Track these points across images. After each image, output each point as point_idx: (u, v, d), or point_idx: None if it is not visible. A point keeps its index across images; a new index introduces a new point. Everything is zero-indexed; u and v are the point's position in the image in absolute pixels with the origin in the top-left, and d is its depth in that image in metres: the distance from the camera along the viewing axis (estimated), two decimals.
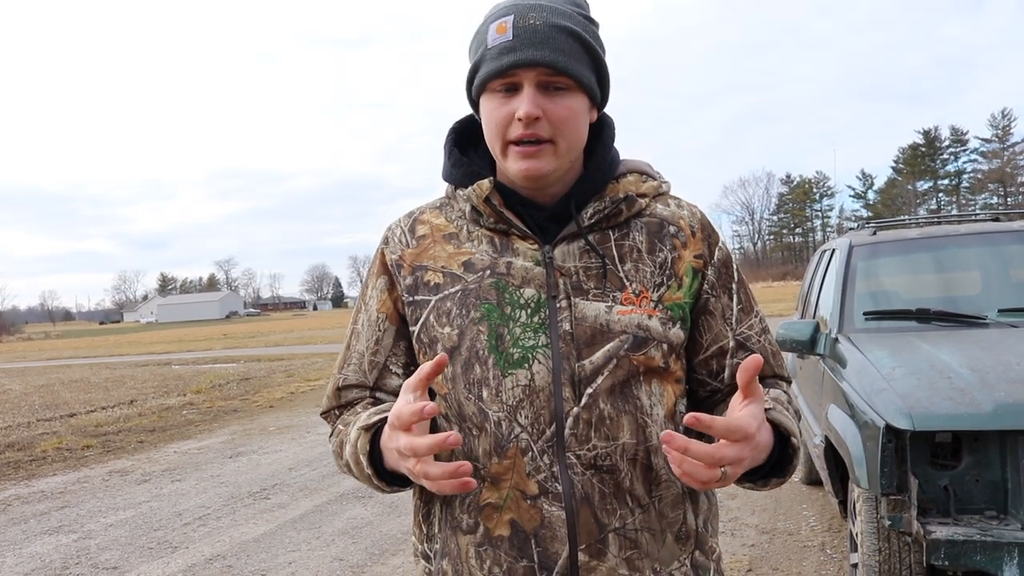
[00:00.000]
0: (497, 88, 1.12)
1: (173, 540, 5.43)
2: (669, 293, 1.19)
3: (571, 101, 1.13)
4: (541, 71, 1.10)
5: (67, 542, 5.56)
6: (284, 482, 6.96)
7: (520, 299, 1.15)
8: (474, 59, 1.16)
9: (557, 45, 1.10)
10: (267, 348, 29.30)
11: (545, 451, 1.12)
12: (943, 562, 2.74)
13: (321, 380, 15.35)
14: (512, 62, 1.09)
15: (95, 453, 9.06)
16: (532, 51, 1.09)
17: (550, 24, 1.10)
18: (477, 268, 1.18)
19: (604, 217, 1.19)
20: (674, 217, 1.24)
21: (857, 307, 4.21)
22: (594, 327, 1.14)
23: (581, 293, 1.16)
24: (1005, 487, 2.85)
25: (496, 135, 1.14)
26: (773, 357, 1.27)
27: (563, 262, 1.17)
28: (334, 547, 5.07)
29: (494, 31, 1.11)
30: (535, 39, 1.09)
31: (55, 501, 6.83)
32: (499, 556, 1.14)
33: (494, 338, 1.14)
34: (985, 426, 2.80)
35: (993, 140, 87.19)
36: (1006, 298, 4.08)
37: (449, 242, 1.22)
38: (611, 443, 1.13)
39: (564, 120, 1.12)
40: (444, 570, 1.21)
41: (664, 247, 1.20)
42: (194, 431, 10.30)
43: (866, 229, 5.10)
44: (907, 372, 3.20)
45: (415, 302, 1.21)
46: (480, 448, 1.15)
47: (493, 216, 1.19)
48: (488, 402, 1.13)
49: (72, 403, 14.09)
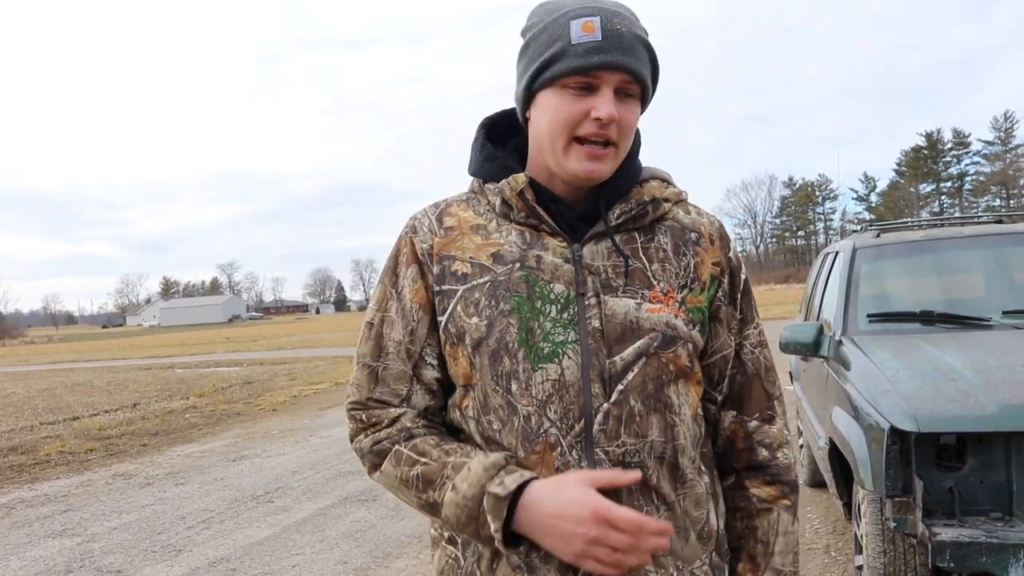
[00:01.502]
0: (572, 84, 1.13)
1: (177, 543, 5.43)
2: (692, 296, 1.21)
3: (636, 110, 1.17)
4: (624, 77, 1.12)
5: (71, 545, 5.56)
6: (287, 485, 6.96)
7: (550, 294, 1.16)
8: (550, 51, 1.13)
9: (639, 55, 1.13)
10: (270, 352, 29.31)
11: (574, 446, 1.13)
12: (948, 564, 2.74)
13: (324, 384, 15.35)
14: (602, 62, 1.10)
15: (98, 456, 9.07)
16: (621, 56, 1.11)
17: (633, 33, 1.13)
18: (507, 260, 1.18)
19: (631, 218, 1.21)
20: (695, 224, 1.26)
21: (861, 309, 4.21)
22: (624, 324, 1.15)
23: (610, 290, 1.17)
24: (1010, 488, 2.85)
25: (563, 130, 1.14)
26: (766, 372, 1.29)
27: (591, 260, 1.18)
28: (338, 550, 5.06)
29: (579, 28, 1.11)
30: (623, 44, 1.11)
31: (58, 504, 6.83)
32: (529, 548, 1.14)
33: (524, 331, 1.14)
34: (990, 428, 2.80)
35: (996, 142, 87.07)
36: (1010, 300, 4.07)
37: (477, 233, 1.22)
38: (640, 440, 1.14)
39: (630, 127, 1.16)
40: (480, 551, 1.19)
41: (688, 251, 1.23)
42: (197, 434, 10.30)
43: (869, 231, 5.10)
44: (911, 374, 3.20)
45: (443, 291, 1.20)
46: (505, 441, 1.15)
47: (524, 211, 1.19)
48: (517, 395, 1.14)
49: (75, 406, 14.09)
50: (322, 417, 11.12)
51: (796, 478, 1.29)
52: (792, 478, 1.28)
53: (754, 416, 1.27)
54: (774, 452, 1.27)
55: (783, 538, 1.26)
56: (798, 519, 1.29)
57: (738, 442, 1.27)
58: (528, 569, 1.15)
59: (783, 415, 1.30)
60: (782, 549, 1.26)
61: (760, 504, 1.26)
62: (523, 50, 1.19)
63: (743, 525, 1.27)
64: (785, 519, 1.27)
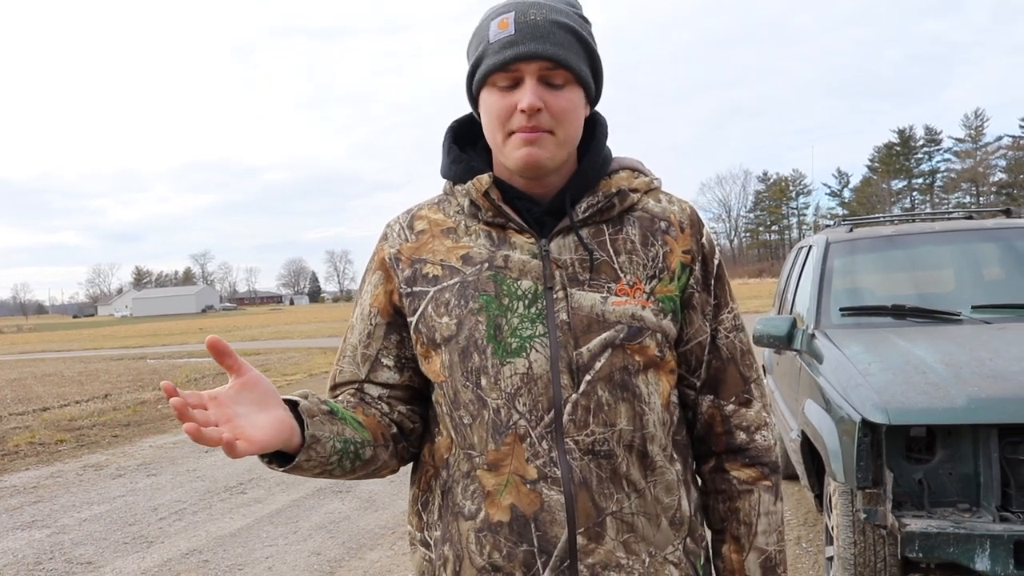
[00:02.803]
0: (499, 82, 1.15)
1: (149, 535, 5.38)
2: (661, 286, 1.22)
3: (570, 94, 1.16)
4: (542, 65, 1.13)
5: (40, 537, 5.50)
6: (261, 477, 6.92)
7: (517, 291, 1.18)
8: (475, 55, 1.18)
9: (557, 40, 1.14)
10: (243, 343, 29.09)
11: (544, 437, 1.15)
12: (917, 554, 2.78)
13: (298, 375, 15.27)
14: (515, 55, 1.12)
15: (69, 447, 8.96)
16: (534, 45, 1.12)
17: (550, 20, 1.14)
18: (475, 261, 1.21)
19: (597, 211, 1.22)
20: (665, 212, 1.27)
21: (834, 303, 4.25)
22: (590, 316, 1.17)
23: (577, 284, 1.19)
24: (977, 480, 2.90)
25: (497, 127, 1.17)
26: (742, 356, 1.30)
27: (559, 255, 1.20)
28: (311, 541, 5.05)
29: (495, 27, 1.15)
30: (536, 33, 1.13)
31: (28, 496, 6.75)
32: (499, 541, 1.16)
33: (492, 328, 1.17)
34: (959, 420, 2.84)
35: (966, 140, 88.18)
36: (979, 295, 4.13)
37: (447, 236, 1.25)
38: (609, 429, 1.16)
39: (564, 112, 1.15)
40: (446, 555, 1.23)
41: (656, 241, 1.24)
42: (169, 425, 10.20)
43: (843, 226, 5.15)
44: (883, 367, 3.24)
45: (413, 293, 1.24)
46: (476, 435, 1.18)
47: (491, 210, 1.21)
48: (487, 390, 1.16)
49: (45, 397, 13.91)
50: None
51: (776, 459, 1.31)
52: (772, 459, 1.30)
53: (731, 400, 1.29)
54: (752, 435, 1.29)
55: (765, 518, 1.28)
56: (781, 499, 1.31)
57: (716, 426, 1.29)
58: (493, 569, 1.17)
59: (761, 397, 1.31)
60: (765, 529, 1.28)
61: (741, 486, 1.28)
62: (466, 56, 1.23)
63: (725, 507, 1.29)
64: (766, 499, 1.29)
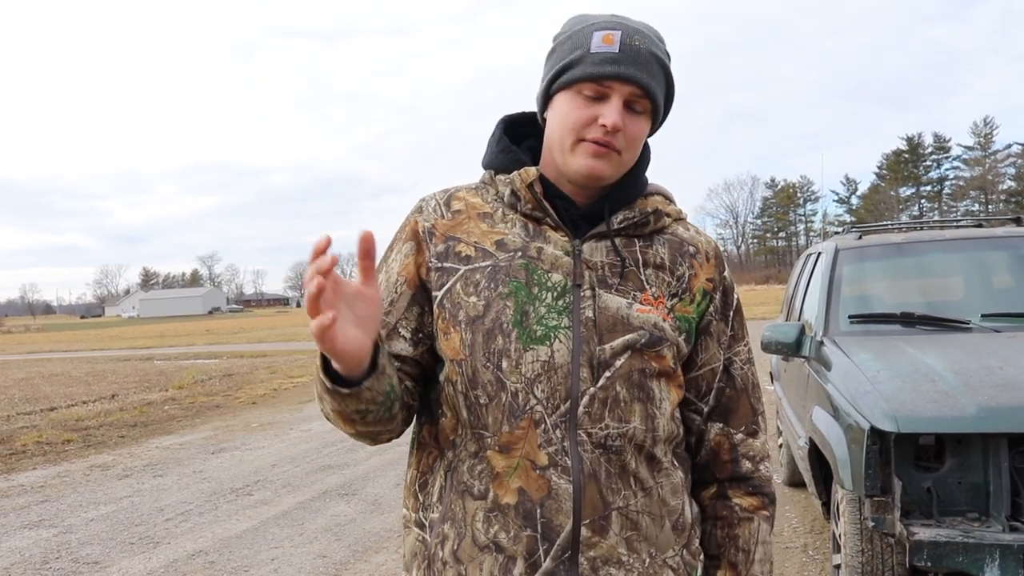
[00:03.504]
0: (585, 91, 1.19)
1: (155, 535, 5.39)
2: (681, 305, 1.26)
3: (644, 123, 1.22)
4: (634, 91, 1.18)
5: (47, 536, 5.51)
6: (267, 479, 6.93)
7: (548, 282, 1.21)
8: (570, 57, 1.20)
9: (652, 72, 1.19)
10: (250, 344, 29.15)
11: (558, 425, 1.17)
12: (925, 563, 2.77)
13: (304, 377, 15.29)
14: (615, 73, 1.16)
15: (76, 447, 8.99)
16: (634, 70, 1.17)
17: (650, 51, 1.19)
18: (509, 248, 1.24)
19: (632, 224, 1.26)
20: (693, 240, 1.32)
21: (842, 310, 4.25)
22: (615, 317, 1.20)
23: (605, 286, 1.22)
24: (987, 489, 2.89)
25: (570, 131, 1.20)
26: (752, 389, 1.35)
27: (590, 256, 1.23)
28: (317, 544, 5.05)
29: (599, 39, 1.18)
30: (638, 60, 1.17)
31: (35, 495, 6.77)
32: (507, 522, 1.17)
33: (519, 313, 1.19)
34: (968, 429, 2.84)
35: (975, 147, 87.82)
36: (989, 303, 4.12)
37: (483, 220, 1.28)
38: (623, 425, 1.18)
39: (636, 138, 1.21)
40: (445, 533, 1.23)
41: (683, 264, 1.29)
42: (176, 426, 10.24)
43: (851, 233, 5.14)
44: (892, 375, 3.23)
45: (443, 268, 1.25)
46: (491, 416, 1.19)
47: (532, 203, 1.24)
48: (507, 372, 1.17)
49: (52, 397, 13.95)
50: (302, 411, 11.08)
51: (774, 491, 1.36)
52: (772, 491, 1.35)
53: (740, 429, 1.32)
54: (757, 464, 1.33)
55: (762, 547, 1.32)
56: (773, 531, 1.36)
57: (723, 453, 1.32)
58: (496, 548, 1.18)
59: (765, 430, 1.36)
60: (761, 558, 1.32)
61: (742, 513, 1.32)
62: (549, 54, 1.26)
63: (723, 534, 1.32)
64: (764, 529, 1.33)
